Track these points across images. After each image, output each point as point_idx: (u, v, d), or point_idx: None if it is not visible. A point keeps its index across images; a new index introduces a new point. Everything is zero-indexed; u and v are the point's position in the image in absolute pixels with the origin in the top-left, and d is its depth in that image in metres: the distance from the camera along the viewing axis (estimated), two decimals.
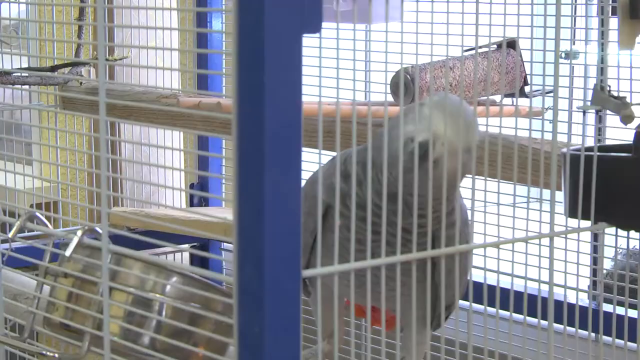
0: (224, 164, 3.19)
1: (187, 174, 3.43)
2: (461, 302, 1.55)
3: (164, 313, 1.37)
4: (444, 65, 2.31)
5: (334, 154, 1.32)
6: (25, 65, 3.25)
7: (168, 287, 1.38)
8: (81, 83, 3.02)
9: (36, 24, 3.46)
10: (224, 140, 3.12)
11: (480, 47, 2.19)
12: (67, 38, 3.26)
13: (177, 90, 2.98)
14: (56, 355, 1.39)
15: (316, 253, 1.25)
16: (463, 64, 2.27)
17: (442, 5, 1.99)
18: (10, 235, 1.46)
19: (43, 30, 3.42)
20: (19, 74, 2.87)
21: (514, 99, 2.29)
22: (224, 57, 3.11)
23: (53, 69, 2.90)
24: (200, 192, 3.24)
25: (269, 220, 0.98)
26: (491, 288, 1.34)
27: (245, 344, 1.01)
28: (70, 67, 2.93)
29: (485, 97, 2.25)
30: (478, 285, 1.35)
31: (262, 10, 0.95)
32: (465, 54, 2.24)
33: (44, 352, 1.41)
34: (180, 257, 3.26)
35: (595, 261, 2.27)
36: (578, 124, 2.10)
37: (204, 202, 3.23)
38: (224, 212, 2.83)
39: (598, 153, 1.40)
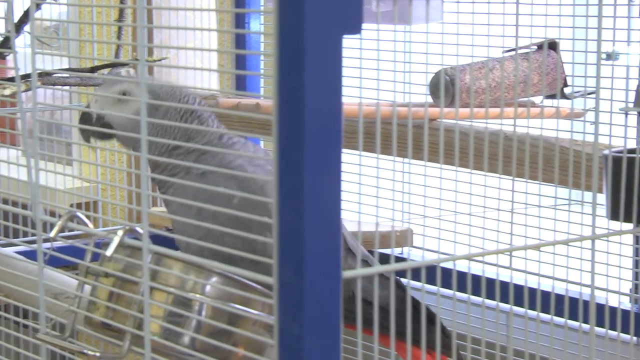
0: None
1: None
2: (501, 304, 1.53)
3: (203, 313, 1.37)
4: (484, 66, 2.29)
5: (374, 155, 1.31)
6: (65, 66, 3.27)
7: (208, 287, 1.38)
8: None
9: (76, 25, 3.48)
10: (262, 141, 3.12)
11: (521, 48, 2.17)
12: (107, 39, 3.29)
13: (216, 90, 2.99)
14: (97, 354, 1.40)
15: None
16: (503, 65, 2.26)
17: (483, 6, 1.97)
18: (51, 234, 1.47)
19: (83, 32, 3.44)
20: (60, 75, 2.89)
21: (555, 101, 2.27)
22: (261, 58, 3.11)
23: (93, 69, 2.91)
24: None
25: (309, 221, 0.98)
26: (532, 291, 1.34)
27: (285, 345, 1.01)
28: (110, 68, 2.95)
29: (526, 99, 2.24)
30: (519, 288, 1.34)
31: (303, 11, 0.95)
32: (506, 54, 2.23)
33: (85, 351, 1.42)
34: None
35: (637, 264, 2.24)
36: (620, 125, 2.08)
37: None
38: None
39: None
